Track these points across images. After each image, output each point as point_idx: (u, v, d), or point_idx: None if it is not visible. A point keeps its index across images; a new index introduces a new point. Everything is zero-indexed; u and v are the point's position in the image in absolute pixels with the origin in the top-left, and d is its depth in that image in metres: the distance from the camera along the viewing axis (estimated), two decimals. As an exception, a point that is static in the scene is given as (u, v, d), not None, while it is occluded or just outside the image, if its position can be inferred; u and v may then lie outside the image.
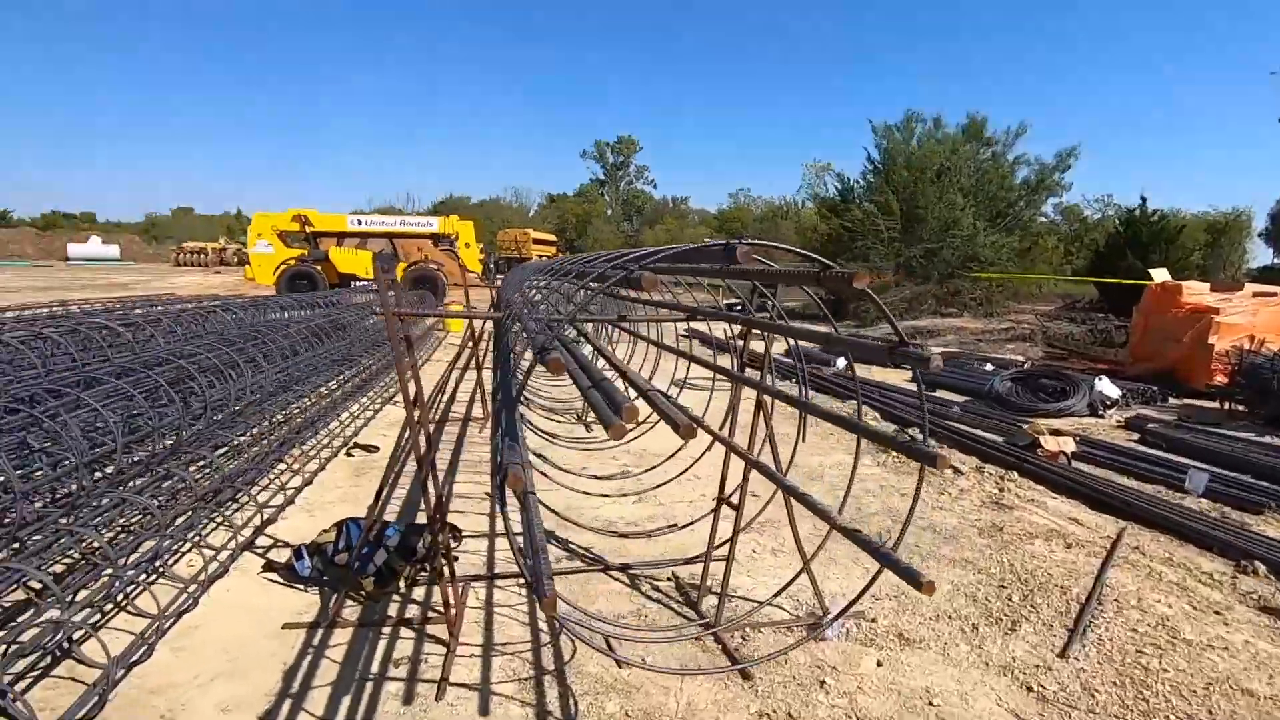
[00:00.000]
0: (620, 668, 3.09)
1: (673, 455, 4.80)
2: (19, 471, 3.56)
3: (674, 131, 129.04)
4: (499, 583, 3.91)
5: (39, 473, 3.76)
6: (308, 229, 21.97)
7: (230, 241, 54.77)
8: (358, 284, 21.07)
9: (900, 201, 21.92)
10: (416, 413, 3.18)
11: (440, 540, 3.70)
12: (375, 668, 3.08)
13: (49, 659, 3.03)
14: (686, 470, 4.52)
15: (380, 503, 3.83)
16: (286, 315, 10.30)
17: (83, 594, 3.37)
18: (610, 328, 8.04)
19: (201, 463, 4.70)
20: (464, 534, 4.41)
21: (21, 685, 2.86)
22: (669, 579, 4.03)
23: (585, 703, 2.88)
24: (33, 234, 60.87)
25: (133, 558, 3.67)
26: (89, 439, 4.07)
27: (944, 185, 21.80)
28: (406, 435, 6.55)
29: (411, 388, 3.17)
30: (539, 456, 5.85)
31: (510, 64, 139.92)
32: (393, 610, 3.61)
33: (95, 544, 3.45)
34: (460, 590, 3.72)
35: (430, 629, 3.43)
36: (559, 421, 7.61)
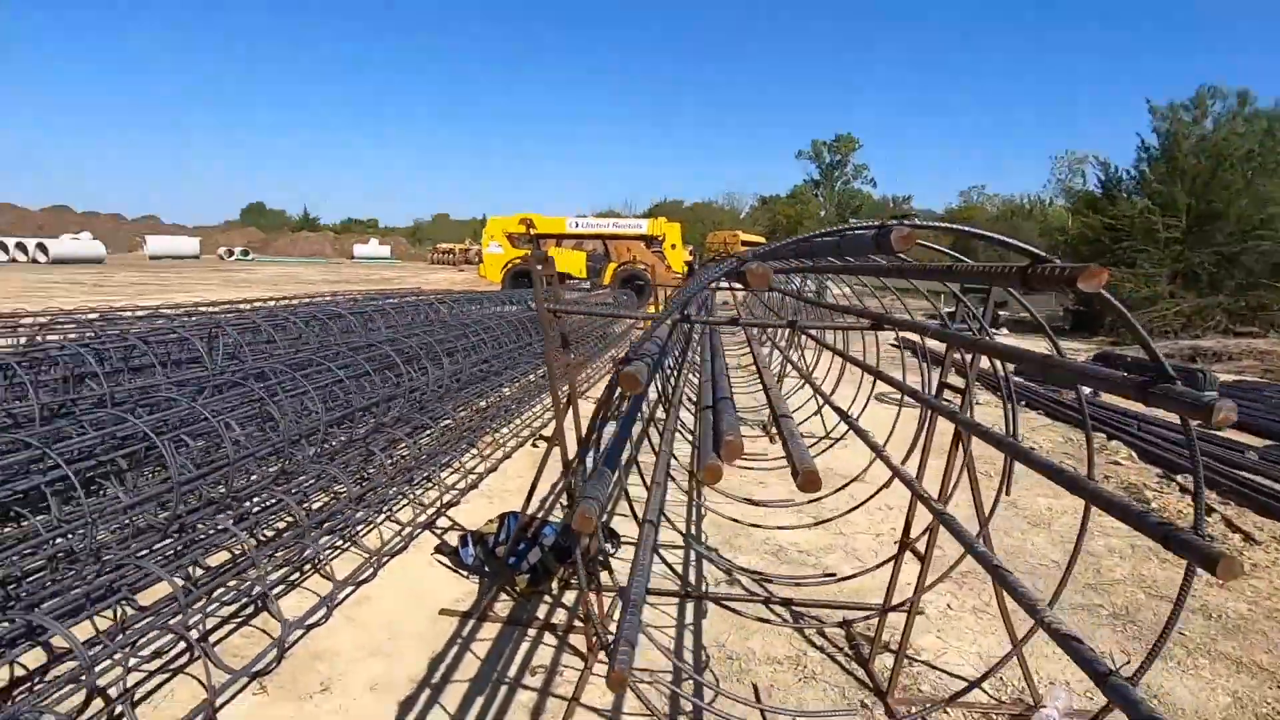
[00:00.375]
0: (766, 724, 2.69)
1: (856, 478, 4.23)
2: (240, 437, 4.08)
3: (898, 125, 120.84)
4: (651, 598, 3.69)
5: (266, 440, 4.30)
6: (532, 231, 23.86)
7: (474, 243, 61.74)
8: (570, 282, 22.52)
9: (1189, 195, 18.07)
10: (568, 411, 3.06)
11: (590, 546, 3.57)
12: (513, 672, 3.01)
13: (251, 609, 3.40)
14: (867, 501, 3.94)
15: (533, 499, 3.80)
16: (503, 309, 11.18)
17: (285, 553, 3.77)
18: (803, 337, 7.48)
19: (400, 442, 5.11)
20: (625, 540, 4.26)
21: (225, 629, 3.22)
22: (840, 624, 3.50)
23: (720, 759, 2.54)
24: (331, 237, 74.10)
25: (327, 525, 4.04)
26: (311, 413, 4.60)
27: (1253, 175, 17.58)
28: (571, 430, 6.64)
29: (565, 386, 3.06)
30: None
31: (728, 65, 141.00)
32: (543, 611, 3.56)
33: (295, 513, 3.83)
34: (610, 602, 3.57)
35: (574, 638, 3.30)
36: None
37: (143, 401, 3.85)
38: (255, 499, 3.90)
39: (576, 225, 24.56)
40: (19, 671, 2.66)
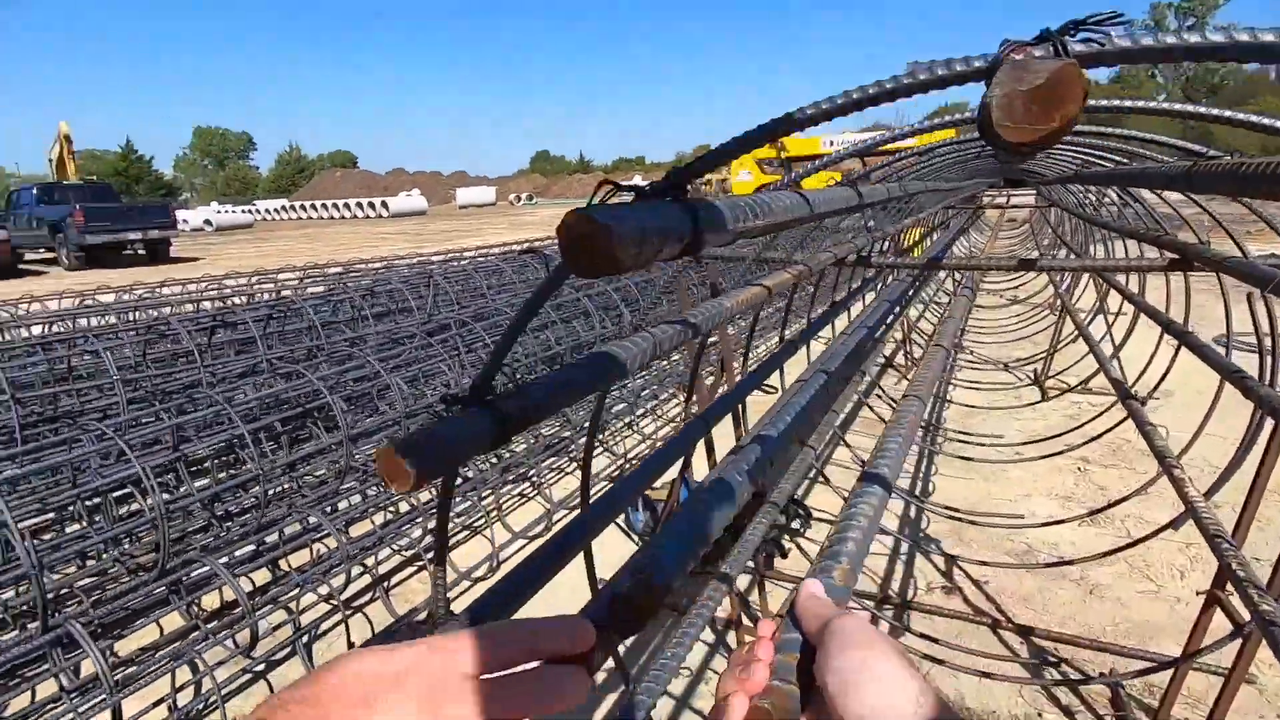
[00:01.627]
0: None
1: (1144, 488, 3.02)
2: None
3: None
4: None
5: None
6: (783, 154, 22.55)
7: (729, 173, 61.19)
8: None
9: None
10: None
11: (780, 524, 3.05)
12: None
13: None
14: (1140, 542, 2.76)
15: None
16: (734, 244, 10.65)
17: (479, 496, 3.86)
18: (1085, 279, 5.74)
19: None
20: (816, 516, 3.63)
21: (403, 573, 3.39)
22: (1106, 676, 2.53)
23: None
24: (602, 176, 79.44)
25: (513, 473, 4.07)
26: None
27: None
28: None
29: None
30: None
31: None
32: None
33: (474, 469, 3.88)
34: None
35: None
36: (999, 385, 5.90)
37: (335, 354, 4.17)
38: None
39: (831, 145, 22.60)
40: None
